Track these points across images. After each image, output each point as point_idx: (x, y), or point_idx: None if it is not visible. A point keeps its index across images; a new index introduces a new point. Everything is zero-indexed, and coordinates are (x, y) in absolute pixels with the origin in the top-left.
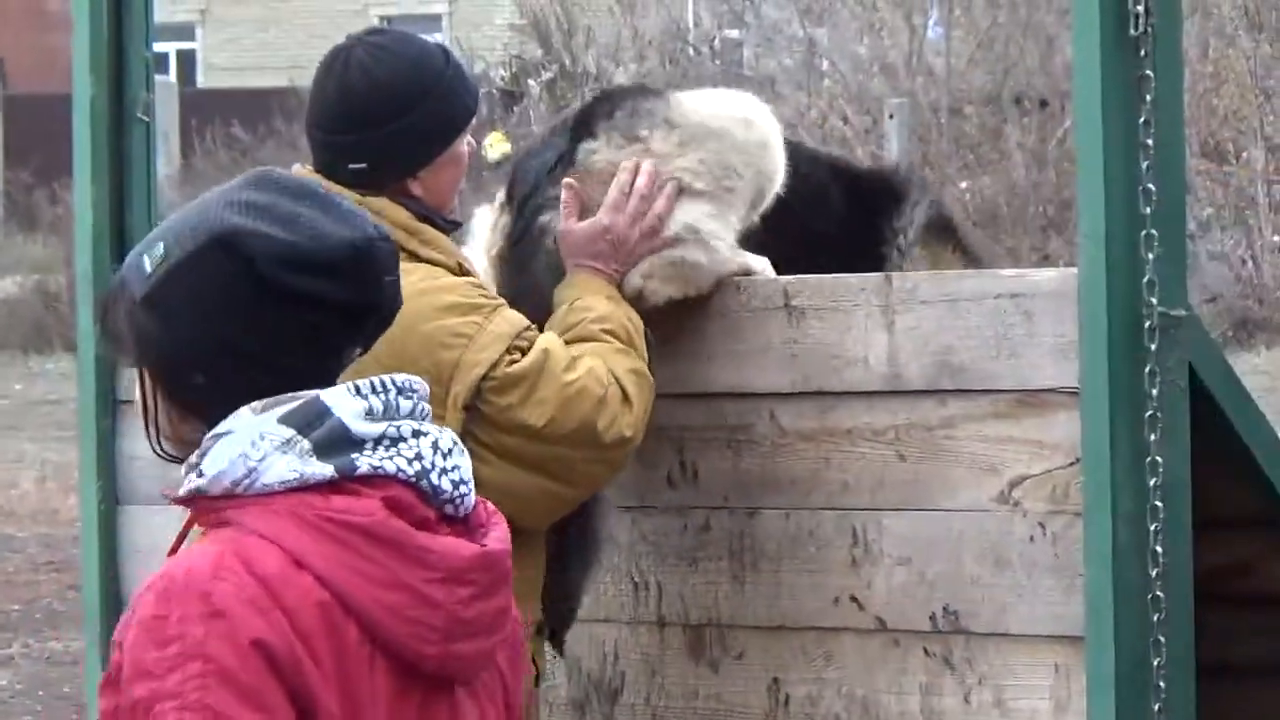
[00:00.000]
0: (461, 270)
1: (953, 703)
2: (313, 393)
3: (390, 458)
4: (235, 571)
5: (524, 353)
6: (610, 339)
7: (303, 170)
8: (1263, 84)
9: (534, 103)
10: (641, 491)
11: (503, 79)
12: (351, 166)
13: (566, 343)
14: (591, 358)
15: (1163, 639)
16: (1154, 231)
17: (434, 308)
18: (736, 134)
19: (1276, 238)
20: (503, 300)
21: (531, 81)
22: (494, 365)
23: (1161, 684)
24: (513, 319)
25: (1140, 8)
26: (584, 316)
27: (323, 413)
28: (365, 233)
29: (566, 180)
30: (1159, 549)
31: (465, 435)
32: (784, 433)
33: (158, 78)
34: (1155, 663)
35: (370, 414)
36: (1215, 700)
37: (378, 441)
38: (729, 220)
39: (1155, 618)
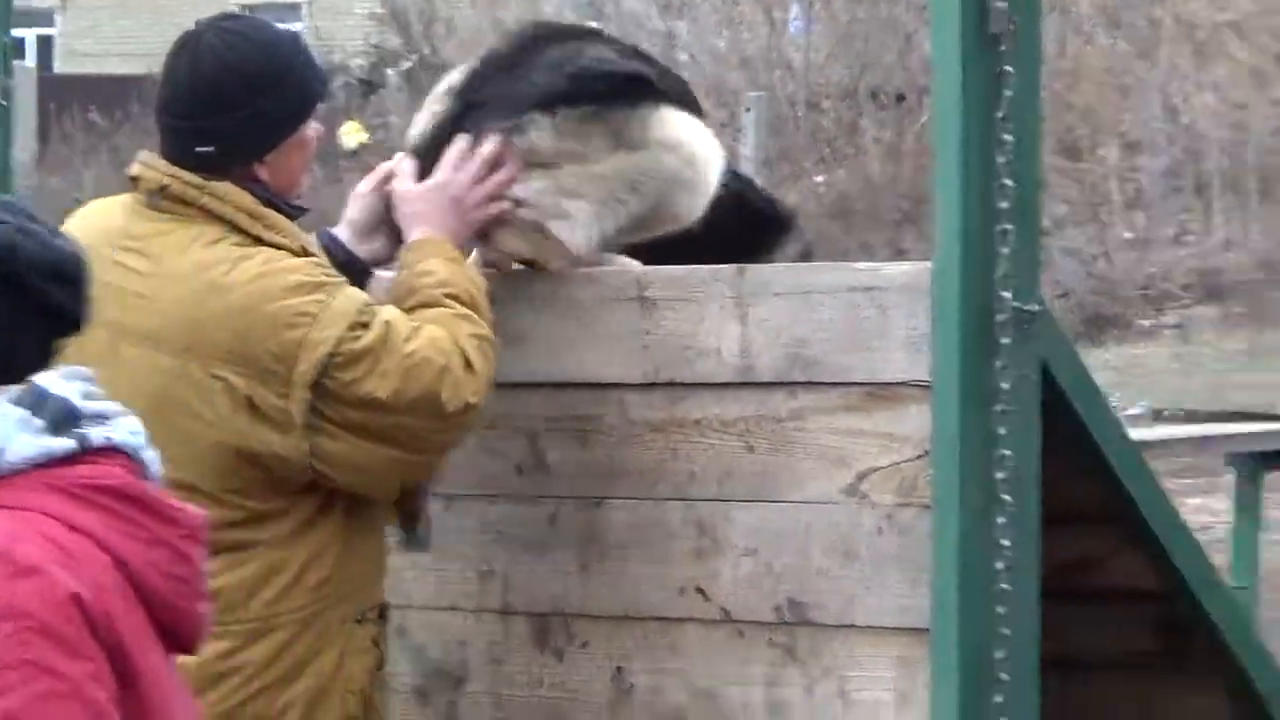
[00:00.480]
0: (305, 253)
1: (796, 694)
2: (22, 384)
3: (114, 431)
4: (28, 535)
5: (367, 328)
6: (453, 304)
7: (148, 156)
8: (1119, 81)
9: (392, 92)
10: (490, 480)
11: (361, 68)
12: (199, 150)
13: (409, 309)
14: (433, 326)
15: (1007, 632)
16: (1009, 226)
17: (279, 288)
18: (669, 165)
19: (1129, 234)
20: (344, 279)
21: (390, 71)
22: (339, 342)
23: (1005, 677)
24: (355, 296)
25: (1001, 4)
26: (425, 281)
27: (43, 393)
28: (76, 247)
29: (401, 154)
30: (1006, 542)
31: (312, 412)
32: (633, 423)
33: (15, 63)
34: (999, 656)
35: (85, 394)
36: (1059, 694)
37: (96, 418)
38: (603, 223)
39: (1000, 611)
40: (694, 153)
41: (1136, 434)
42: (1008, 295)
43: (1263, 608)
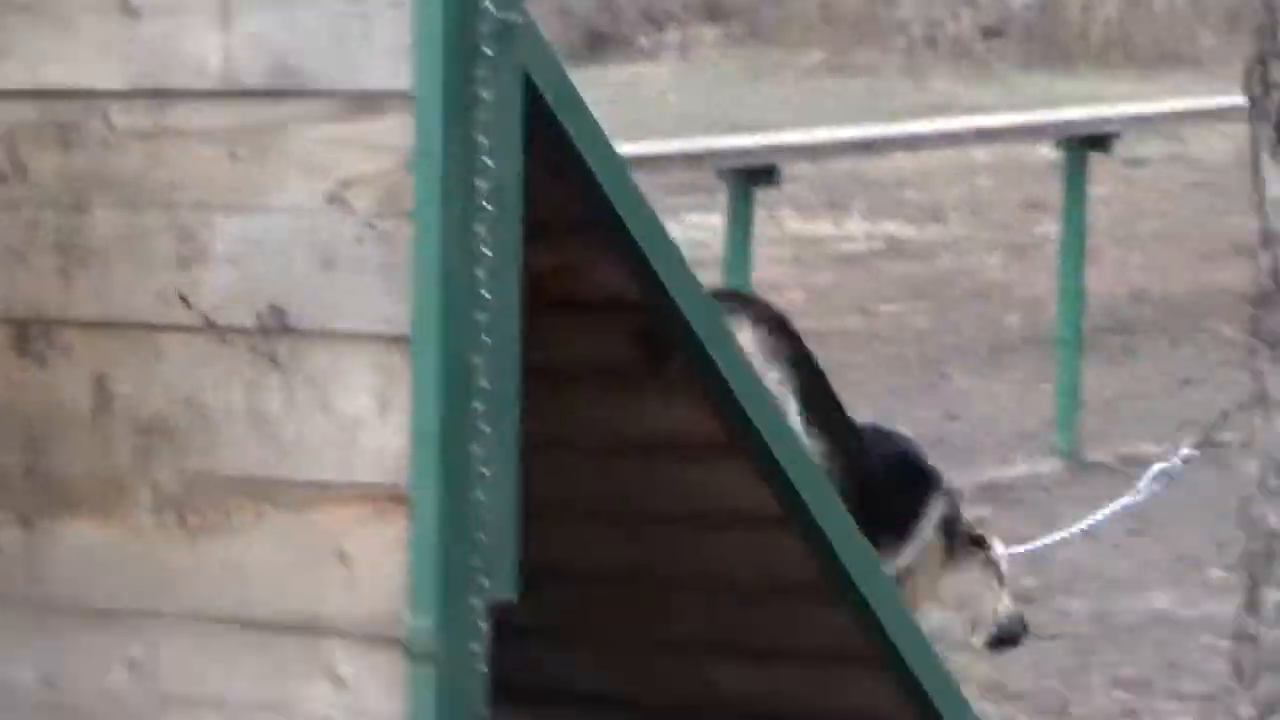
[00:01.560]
0: None
1: (278, 402)
2: None
3: None
4: None
5: None
6: None
7: None
8: None
9: None
10: None
11: None
12: None
13: None
14: None
15: (489, 340)
16: None
17: None
18: None
19: None
20: None
21: None
22: None
23: (485, 384)
24: None
25: None
26: None
27: None
28: None
29: None
30: (487, 251)
31: None
32: (115, 131)
33: None
34: (479, 363)
35: None
36: (539, 401)
37: None
38: None
39: (481, 319)
40: None
41: (624, 148)
42: (489, 6)
43: None
